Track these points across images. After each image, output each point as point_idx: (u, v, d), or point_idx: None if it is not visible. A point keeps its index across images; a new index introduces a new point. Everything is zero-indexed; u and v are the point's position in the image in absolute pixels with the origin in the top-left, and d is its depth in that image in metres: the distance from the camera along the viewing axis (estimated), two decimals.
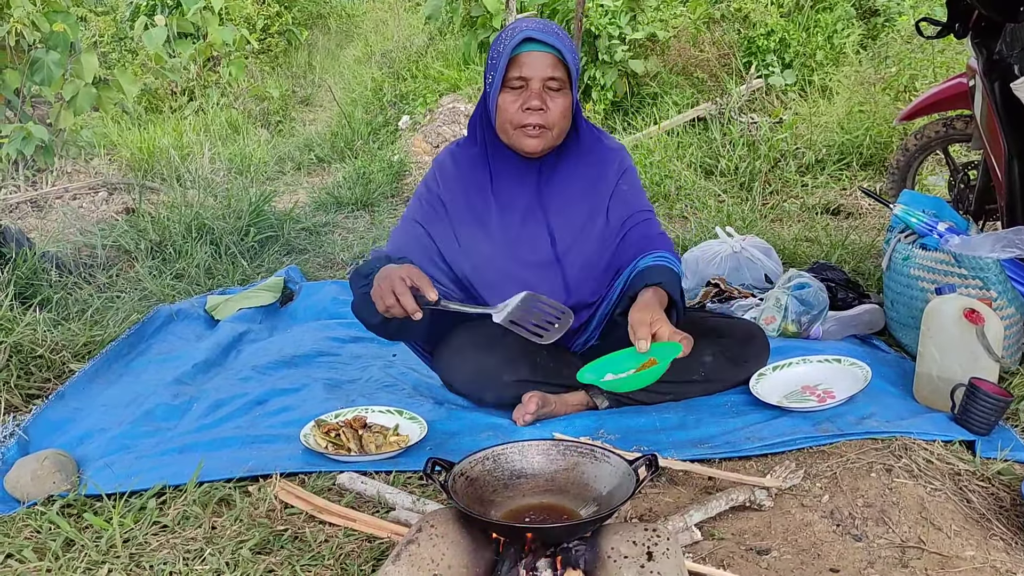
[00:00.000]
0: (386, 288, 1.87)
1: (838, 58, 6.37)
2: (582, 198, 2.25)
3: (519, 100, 2.07)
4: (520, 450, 1.64)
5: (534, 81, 2.05)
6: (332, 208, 5.15)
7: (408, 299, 1.84)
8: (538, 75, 2.05)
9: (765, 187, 5.07)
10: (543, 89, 2.07)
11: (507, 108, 2.09)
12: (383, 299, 1.87)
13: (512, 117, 2.09)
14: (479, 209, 2.23)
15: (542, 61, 2.04)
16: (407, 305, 1.82)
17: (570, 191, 2.24)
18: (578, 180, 2.25)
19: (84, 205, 4.98)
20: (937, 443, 1.99)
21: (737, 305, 3.01)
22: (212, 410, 2.37)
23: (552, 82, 2.06)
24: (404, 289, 1.84)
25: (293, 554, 1.66)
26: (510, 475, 1.63)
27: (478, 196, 2.23)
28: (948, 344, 2.17)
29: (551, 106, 2.08)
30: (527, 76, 2.05)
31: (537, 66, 2.04)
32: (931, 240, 2.59)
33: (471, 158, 2.25)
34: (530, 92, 2.06)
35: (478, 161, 2.24)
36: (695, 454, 2.02)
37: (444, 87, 6.92)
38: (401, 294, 1.84)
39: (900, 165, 4.02)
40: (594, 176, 2.26)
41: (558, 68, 2.06)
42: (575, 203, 2.24)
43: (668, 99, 6.35)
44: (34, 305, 3.04)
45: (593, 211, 2.26)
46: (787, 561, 1.61)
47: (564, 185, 2.24)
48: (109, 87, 5.45)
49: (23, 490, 1.88)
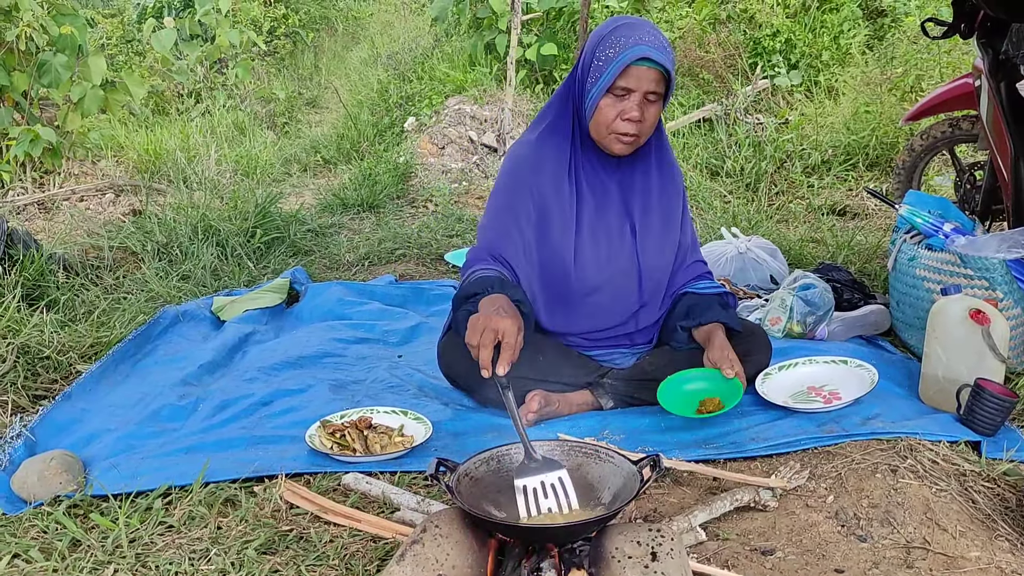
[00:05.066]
0: (477, 328, 1.80)
1: (844, 59, 6.35)
2: (658, 204, 2.32)
3: (619, 108, 2.11)
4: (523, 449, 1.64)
5: (637, 93, 2.09)
6: (338, 210, 5.15)
7: (486, 354, 1.76)
8: (643, 88, 2.09)
9: (771, 188, 5.06)
10: (643, 100, 2.11)
11: (606, 112, 2.13)
12: (471, 336, 1.80)
13: (609, 123, 2.13)
14: (565, 193, 2.25)
15: (650, 76, 2.08)
16: (483, 360, 1.76)
17: (649, 193, 2.31)
18: (655, 185, 2.32)
19: (91, 207, 5.00)
20: (942, 444, 1.99)
21: (742, 306, 3.01)
22: (218, 411, 2.38)
23: (652, 95, 2.11)
24: (488, 342, 1.76)
25: (298, 554, 1.67)
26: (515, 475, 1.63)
27: (566, 183, 2.25)
28: (954, 345, 2.17)
29: (646, 116, 2.13)
30: (632, 88, 2.09)
31: (644, 80, 2.08)
32: (937, 241, 2.59)
33: (557, 146, 2.26)
34: (631, 103, 2.10)
35: (564, 151, 2.26)
36: (700, 454, 2.01)
37: (450, 88, 6.93)
38: (484, 346, 1.76)
39: (906, 166, 4.01)
40: (667, 184, 2.34)
41: (661, 83, 2.10)
42: (653, 207, 2.32)
43: (674, 100, 6.34)
44: (41, 306, 3.05)
45: (667, 219, 2.34)
46: (792, 562, 1.61)
47: (644, 186, 2.31)
48: (116, 89, 5.46)
49: (30, 490, 1.89)
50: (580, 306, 2.30)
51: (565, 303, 2.30)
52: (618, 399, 2.30)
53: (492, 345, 1.76)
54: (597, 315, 2.32)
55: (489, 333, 1.76)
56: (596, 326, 2.34)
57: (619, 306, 2.33)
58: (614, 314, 2.33)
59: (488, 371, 1.74)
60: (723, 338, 2.22)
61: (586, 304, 2.30)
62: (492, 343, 1.76)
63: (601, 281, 2.28)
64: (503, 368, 1.74)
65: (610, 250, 2.28)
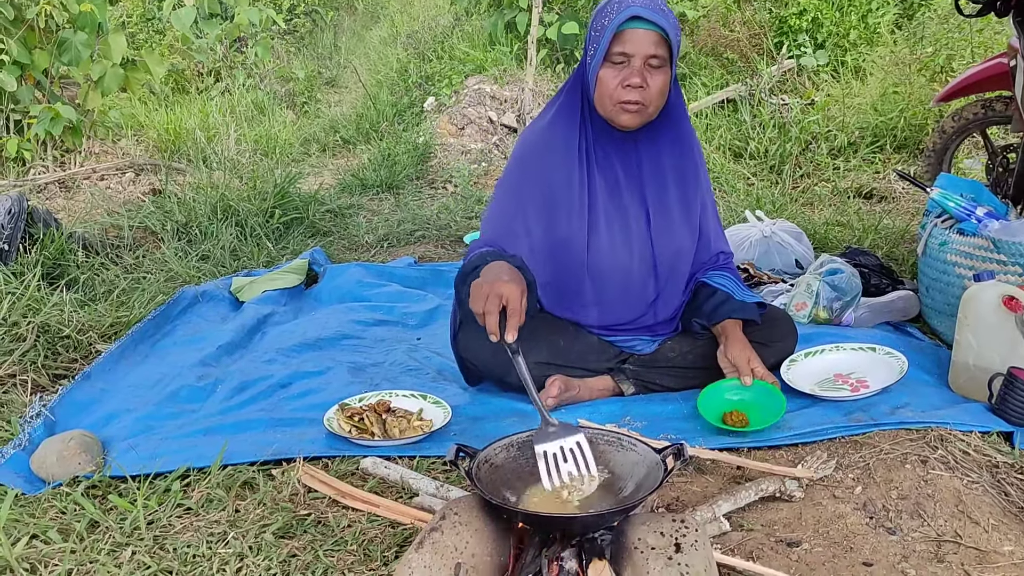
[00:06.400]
0: (481, 295, 1.75)
1: (872, 38, 6.23)
2: (675, 186, 2.23)
3: (620, 76, 2.04)
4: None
5: (636, 58, 2.02)
6: (357, 190, 5.13)
7: (493, 320, 1.71)
8: (641, 52, 2.01)
9: (796, 170, 4.98)
10: (644, 66, 2.03)
11: (607, 83, 2.06)
12: (475, 303, 1.76)
13: (612, 92, 2.06)
14: (576, 178, 2.18)
15: (646, 38, 2.00)
16: (489, 325, 1.71)
17: (663, 175, 2.23)
18: (671, 165, 2.23)
19: (111, 186, 5.01)
20: (974, 434, 1.94)
21: (767, 291, 2.96)
22: (236, 392, 2.37)
23: (654, 59, 2.03)
24: (494, 308, 1.72)
25: (316, 539, 1.65)
26: (535, 463, 1.60)
27: (576, 168, 2.18)
28: (986, 332, 2.11)
29: (651, 83, 2.05)
30: (630, 53, 2.01)
31: (641, 43, 2.00)
32: (969, 225, 2.53)
33: (566, 128, 2.20)
34: (631, 69, 2.03)
35: (574, 134, 2.19)
36: (724, 443, 1.98)
37: (470, 68, 6.87)
38: (489, 312, 1.72)
39: (936, 148, 3.92)
40: (684, 164, 2.24)
41: (661, 46, 2.02)
42: (669, 189, 2.23)
43: (697, 80, 6.25)
44: (61, 285, 3.05)
45: (684, 202, 2.25)
46: (818, 554, 1.57)
47: (659, 167, 2.22)
48: (137, 68, 5.45)
49: (48, 470, 1.89)
50: (594, 297, 2.24)
51: (580, 293, 2.24)
52: (639, 385, 2.26)
53: (498, 311, 1.72)
54: (613, 307, 2.25)
55: (494, 299, 1.72)
56: (612, 320, 2.27)
57: (635, 296, 2.25)
58: (630, 306, 2.26)
59: (496, 336, 1.71)
60: (742, 337, 2.15)
61: (601, 294, 2.23)
62: (497, 308, 1.72)
63: (615, 268, 2.20)
64: (511, 334, 1.70)
65: (625, 235, 2.21)
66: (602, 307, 2.25)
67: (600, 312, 2.26)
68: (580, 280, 2.22)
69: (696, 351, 2.25)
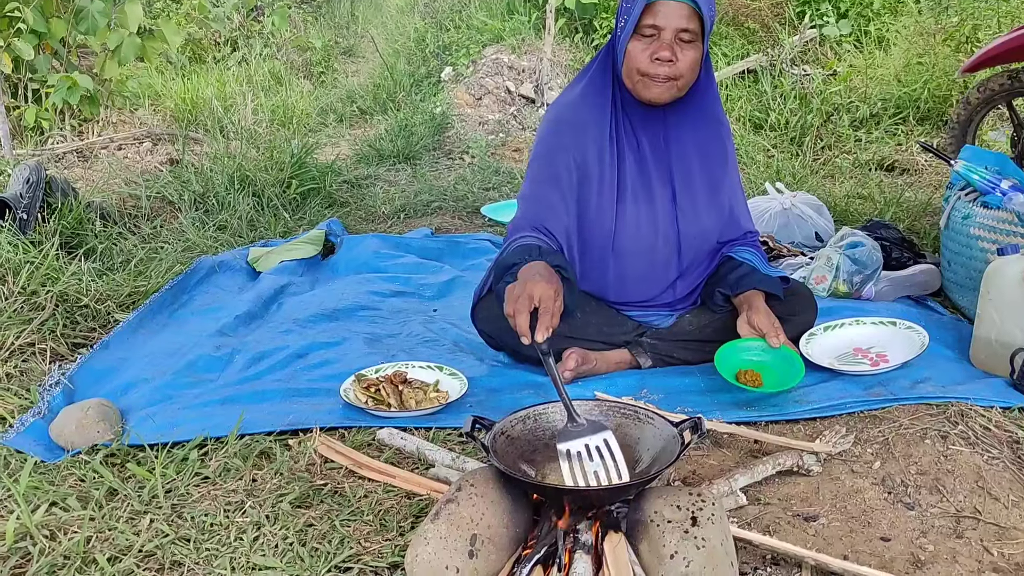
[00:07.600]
0: (513, 297, 1.74)
1: (896, 7, 6.12)
2: (701, 165, 2.20)
3: (649, 49, 2.01)
4: (562, 410, 1.61)
5: (667, 32, 1.99)
6: (374, 161, 5.11)
7: (523, 320, 1.69)
8: (672, 25, 1.98)
9: (817, 142, 4.92)
10: (675, 40, 2.00)
11: (636, 56, 2.03)
12: (508, 305, 1.74)
13: (640, 65, 2.03)
14: (607, 153, 2.16)
15: (677, 12, 1.97)
16: (519, 325, 1.70)
17: (690, 155, 2.20)
18: (699, 142, 2.20)
19: (129, 155, 5.01)
20: (995, 409, 1.92)
21: (786, 264, 2.93)
22: (253, 362, 2.37)
23: (684, 34, 1.99)
24: (524, 307, 1.70)
25: (332, 509, 1.66)
26: (551, 435, 1.60)
27: (607, 144, 2.16)
28: (1009, 307, 2.08)
29: (681, 58, 2.02)
30: (660, 25, 1.98)
31: (672, 16, 1.97)
32: (993, 198, 2.48)
33: (598, 102, 2.17)
34: (661, 42, 2.00)
35: (605, 109, 2.16)
36: (741, 416, 1.97)
37: (487, 38, 6.80)
38: (519, 312, 1.70)
39: (961, 119, 3.85)
40: (711, 143, 2.21)
41: (692, 20, 1.98)
42: (695, 167, 2.20)
43: (717, 50, 6.16)
44: (79, 255, 3.07)
45: (711, 181, 2.22)
46: (836, 529, 1.56)
47: (686, 146, 2.19)
48: (153, 37, 5.43)
49: (68, 438, 1.90)
50: (616, 273, 2.22)
51: (603, 270, 2.22)
52: (657, 358, 2.25)
53: (528, 311, 1.69)
54: (635, 284, 2.24)
55: (525, 299, 1.70)
56: (632, 297, 2.26)
57: (657, 275, 2.24)
58: (651, 284, 2.25)
59: (528, 338, 1.68)
60: (765, 307, 2.12)
61: (622, 271, 2.22)
62: (528, 309, 1.69)
63: (640, 246, 2.19)
64: (542, 335, 1.67)
65: (650, 213, 2.19)
66: (623, 283, 2.24)
67: (620, 288, 2.25)
68: (604, 255, 2.20)
69: (714, 324, 2.24)
